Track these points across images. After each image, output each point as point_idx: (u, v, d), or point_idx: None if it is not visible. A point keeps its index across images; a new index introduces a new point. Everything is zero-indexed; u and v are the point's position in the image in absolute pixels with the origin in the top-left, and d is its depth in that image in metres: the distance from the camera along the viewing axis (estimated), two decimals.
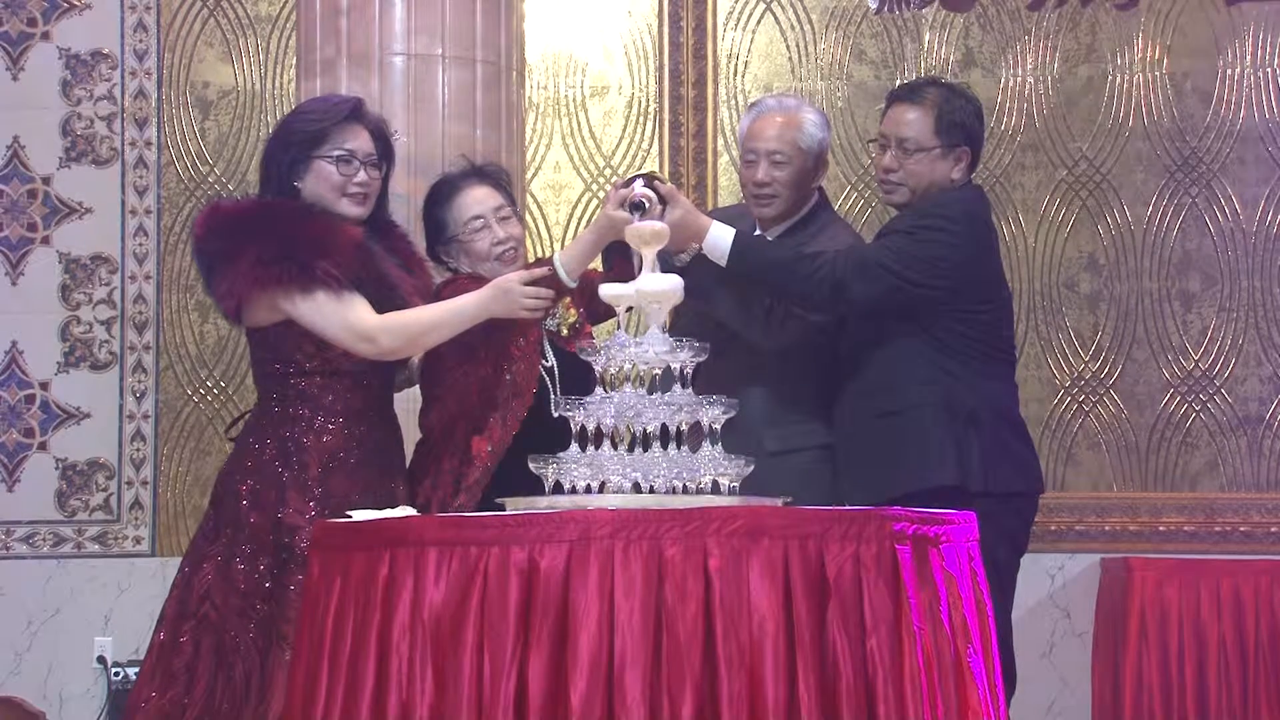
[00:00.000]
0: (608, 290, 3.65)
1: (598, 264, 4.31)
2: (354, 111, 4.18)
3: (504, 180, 4.44)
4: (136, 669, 4.20)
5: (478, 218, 4.29)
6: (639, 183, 4.06)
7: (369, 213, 4.16)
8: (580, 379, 3.81)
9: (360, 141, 4.14)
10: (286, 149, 4.11)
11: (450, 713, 3.06)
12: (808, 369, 4.42)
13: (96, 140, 6.58)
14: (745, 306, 4.34)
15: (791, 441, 4.37)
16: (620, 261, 4.18)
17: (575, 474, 3.44)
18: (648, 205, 3.98)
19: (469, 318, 4.05)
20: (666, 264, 4.16)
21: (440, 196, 4.35)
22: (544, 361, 4.18)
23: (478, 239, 4.28)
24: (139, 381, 6.54)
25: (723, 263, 4.23)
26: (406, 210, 4.80)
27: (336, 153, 4.10)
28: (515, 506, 3.40)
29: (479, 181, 4.35)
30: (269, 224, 4.04)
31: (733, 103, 6.61)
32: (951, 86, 4.48)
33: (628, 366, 3.50)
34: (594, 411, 3.45)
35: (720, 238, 4.23)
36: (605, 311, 4.14)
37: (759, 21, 6.67)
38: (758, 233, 4.50)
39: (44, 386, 6.54)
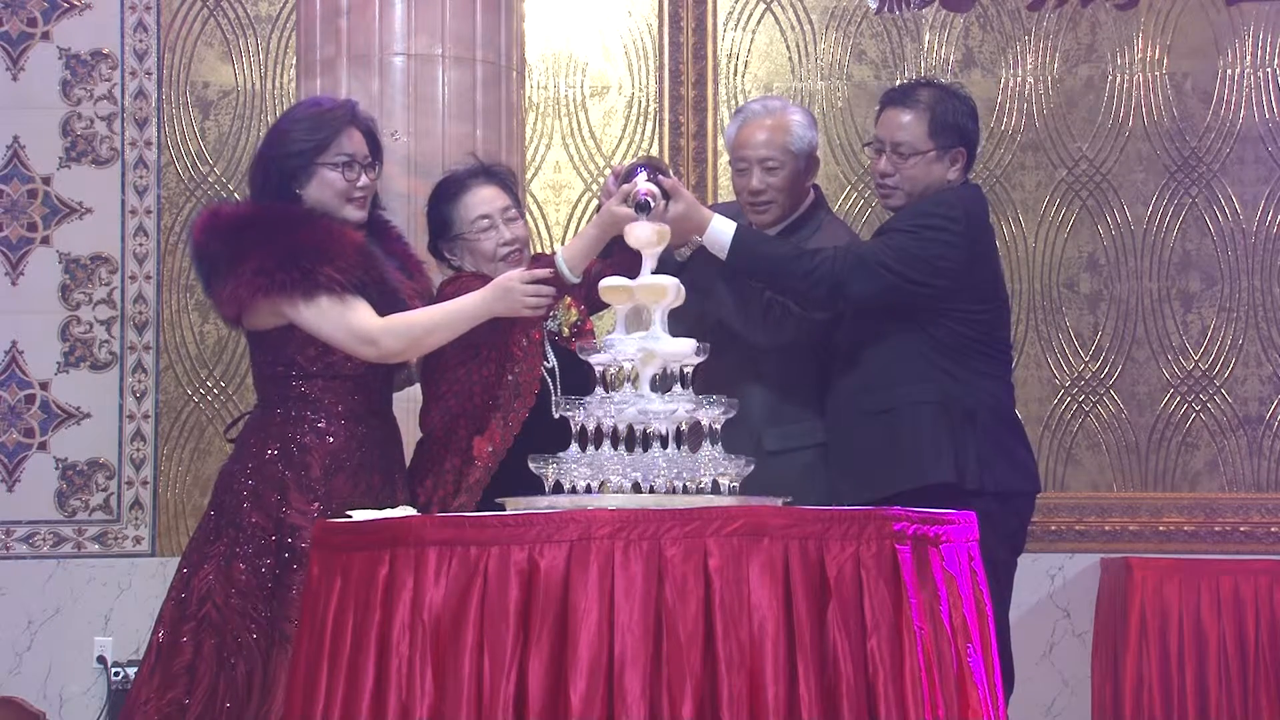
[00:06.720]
0: (607, 284, 3.65)
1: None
2: (351, 115, 4.18)
3: (511, 181, 4.43)
4: (136, 669, 4.19)
5: (485, 217, 4.27)
6: (642, 175, 4.03)
7: (367, 215, 4.17)
8: (581, 380, 3.81)
9: (356, 144, 4.14)
10: (288, 156, 4.09)
11: (450, 713, 3.06)
12: (807, 367, 4.42)
13: (96, 140, 6.58)
14: (744, 303, 4.34)
15: (791, 440, 4.37)
16: (621, 250, 4.16)
17: (575, 474, 3.44)
18: (653, 204, 3.96)
19: (471, 318, 4.05)
20: (667, 261, 4.16)
21: (447, 194, 4.33)
22: (545, 363, 4.18)
23: (484, 239, 4.27)
24: (139, 381, 6.54)
25: (723, 256, 4.23)
26: (407, 210, 4.80)
27: (340, 159, 4.09)
28: (515, 506, 3.40)
29: (487, 181, 4.33)
30: (270, 230, 4.04)
31: (733, 103, 6.60)
32: (944, 87, 4.46)
33: (628, 367, 3.50)
34: (594, 411, 3.45)
35: (721, 231, 4.23)
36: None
37: (759, 21, 6.67)
38: None
39: (44, 386, 6.53)
